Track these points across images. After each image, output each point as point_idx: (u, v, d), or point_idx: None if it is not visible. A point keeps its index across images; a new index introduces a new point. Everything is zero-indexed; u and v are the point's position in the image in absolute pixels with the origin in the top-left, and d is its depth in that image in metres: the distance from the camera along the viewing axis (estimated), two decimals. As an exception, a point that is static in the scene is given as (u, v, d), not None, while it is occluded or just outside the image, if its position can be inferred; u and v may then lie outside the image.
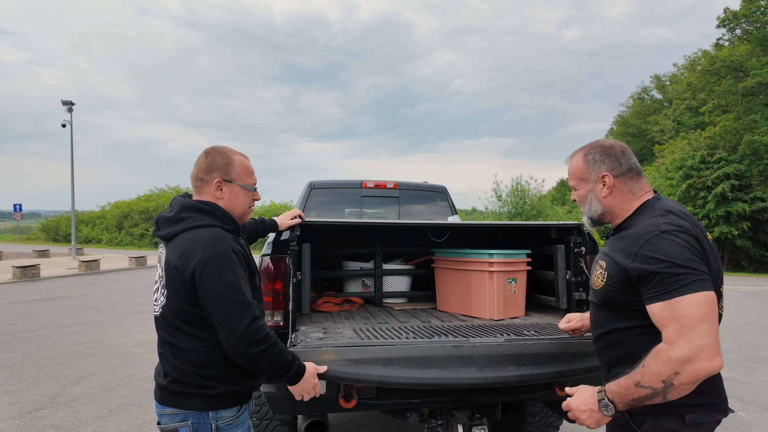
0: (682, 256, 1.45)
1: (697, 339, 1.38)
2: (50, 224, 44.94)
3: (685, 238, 1.49)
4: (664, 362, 1.42)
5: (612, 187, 1.70)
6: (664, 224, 1.53)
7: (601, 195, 1.72)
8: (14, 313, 9.87)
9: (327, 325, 2.81)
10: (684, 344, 1.39)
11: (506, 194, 33.64)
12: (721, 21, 25.42)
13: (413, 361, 2.16)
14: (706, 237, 1.57)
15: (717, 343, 1.40)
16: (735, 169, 23.30)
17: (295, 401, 2.44)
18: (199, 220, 1.74)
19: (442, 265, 3.42)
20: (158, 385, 1.78)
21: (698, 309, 1.40)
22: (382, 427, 4.25)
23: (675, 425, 1.53)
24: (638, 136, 43.66)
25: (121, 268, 19.84)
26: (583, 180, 1.77)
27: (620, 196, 1.70)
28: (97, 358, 6.46)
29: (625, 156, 1.73)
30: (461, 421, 2.60)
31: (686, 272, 1.43)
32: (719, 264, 1.57)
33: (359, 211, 5.40)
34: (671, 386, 1.41)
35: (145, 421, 4.34)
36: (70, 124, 24.49)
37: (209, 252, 1.64)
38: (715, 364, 1.39)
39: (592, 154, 1.75)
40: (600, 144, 1.77)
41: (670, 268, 1.44)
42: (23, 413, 4.55)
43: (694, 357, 1.38)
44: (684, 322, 1.40)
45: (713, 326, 1.40)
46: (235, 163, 1.84)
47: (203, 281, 1.63)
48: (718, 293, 1.54)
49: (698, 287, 1.42)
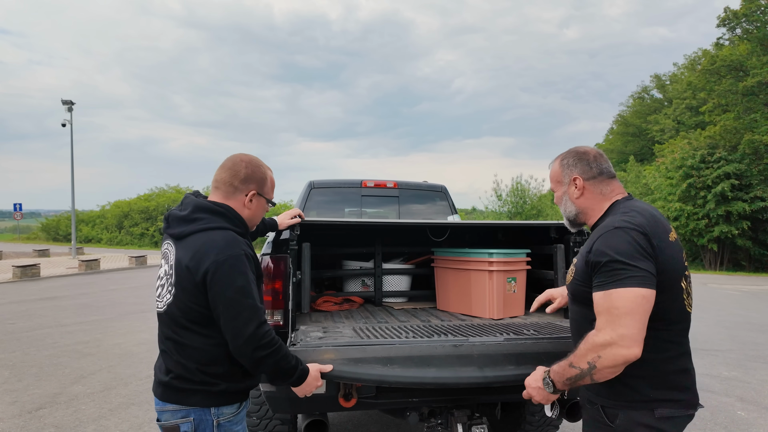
0: (625, 251, 1.57)
1: (620, 328, 1.51)
2: (50, 224, 44.92)
3: (633, 236, 1.59)
4: (590, 346, 1.57)
5: (583, 188, 1.83)
6: (619, 221, 1.65)
7: (574, 196, 1.86)
8: (14, 312, 9.87)
9: (327, 325, 2.82)
10: (608, 331, 1.53)
11: (506, 194, 33.64)
12: (722, 20, 25.40)
13: (413, 360, 2.16)
14: (666, 236, 1.66)
15: (639, 334, 1.52)
16: (735, 169, 23.29)
17: (294, 401, 2.44)
18: (213, 222, 1.76)
19: (442, 265, 3.43)
20: (159, 381, 1.78)
21: (627, 302, 1.52)
22: (382, 427, 4.25)
23: (646, 419, 1.61)
24: (638, 136, 43.64)
25: (121, 268, 19.85)
26: (559, 183, 1.92)
27: (591, 198, 1.83)
28: (98, 357, 6.46)
29: (597, 161, 1.85)
30: (461, 420, 2.60)
31: (625, 267, 1.55)
32: (679, 261, 1.66)
33: (359, 210, 5.40)
34: (594, 368, 1.56)
35: (145, 420, 4.35)
36: (70, 123, 24.50)
37: (222, 255, 1.66)
38: (632, 352, 1.51)
39: (567, 159, 1.89)
40: (575, 150, 1.90)
41: (613, 261, 1.57)
42: (23, 412, 4.55)
43: (614, 343, 1.52)
44: (613, 312, 1.54)
45: (639, 319, 1.52)
46: (268, 179, 1.94)
47: (214, 283, 1.65)
48: (680, 288, 1.65)
49: (633, 283, 1.53)
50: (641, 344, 1.53)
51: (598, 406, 1.71)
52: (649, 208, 1.73)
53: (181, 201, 1.87)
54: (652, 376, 1.64)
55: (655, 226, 1.64)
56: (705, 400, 5.04)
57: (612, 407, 1.68)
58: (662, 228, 1.67)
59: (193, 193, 1.89)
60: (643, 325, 1.54)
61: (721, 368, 6.25)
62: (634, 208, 1.71)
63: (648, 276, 1.55)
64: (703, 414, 4.66)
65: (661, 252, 1.61)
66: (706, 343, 7.60)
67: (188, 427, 1.72)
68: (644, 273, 1.55)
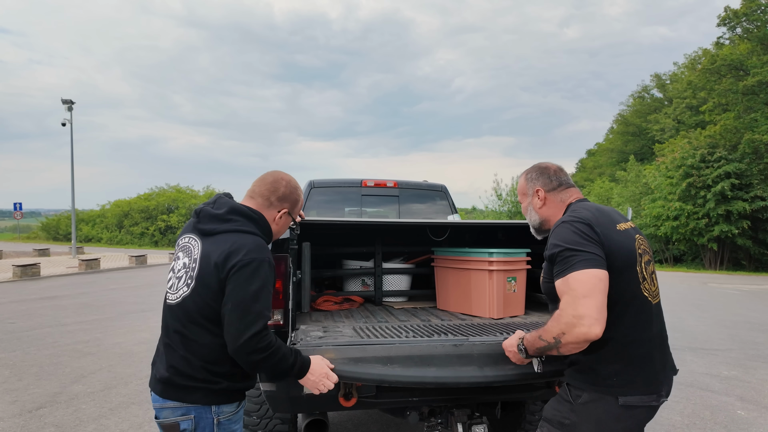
0: (572, 239, 1.76)
1: (580, 308, 1.66)
2: (50, 223, 44.93)
3: (577, 226, 1.79)
4: (556, 323, 1.74)
5: (545, 199, 2.05)
6: (565, 217, 1.89)
7: (537, 206, 2.07)
8: (15, 311, 9.87)
9: (327, 324, 2.82)
10: (570, 311, 1.68)
11: (506, 193, 33.64)
12: (722, 20, 25.39)
13: (413, 359, 2.16)
14: (613, 226, 1.83)
15: (598, 313, 1.66)
16: (735, 168, 23.29)
17: (294, 400, 2.45)
18: (246, 225, 1.83)
19: (442, 264, 3.42)
20: (160, 378, 1.77)
21: (583, 284, 1.68)
22: (382, 426, 4.26)
23: (608, 405, 1.75)
24: (638, 135, 43.63)
25: (121, 267, 19.85)
26: (525, 195, 2.14)
27: (552, 206, 2.04)
28: (98, 356, 6.46)
29: (556, 174, 2.07)
30: (461, 419, 2.61)
31: (574, 253, 1.73)
32: (628, 248, 1.82)
33: (359, 209, 5.40)
34: (560, 343, 1.73)
35: (145, 420, 4.35)
36: (70, 122, 24.50)
37: (248, 257, 1.72)
38: (593, 331, 1.65)
39: (531, 173, 2.11)
40: (538, 165, 2.12)
41: (563, 250, 1.76)
42: (24, 412, 4.56)
43: (576, 323, 1.66)
44: (572, 294, 1.70)
45: (597, 299, 1.67)
46: (300, 203, 2.07)
47: (232, 281, 1.70)
48: (633, 273, 1.80)
49: (585, 265, 1.70)
50: (602, 323, 1.66)
51: (565, 383, 1.88)
52: (597, 206, 1.93)
53: (214, 200, 1.92)
54: (615, 360, 1.76)
55: (598, 218, 1.83)
56: (705, 399, 5.04)
57: (577, 387, 1.82)
58: (608, 219, 1.85)
59: (225, 194, 1.96)
60: (601, 305, 1.68)
61: (721, 367, 6.25)
62: (580, 207, 1.92)
63: (597, 258, 1.72)
64: (702, 413, 4.66)
65: (606, 238, 1.78)
66: (706, 343, 7.61)
67: (188, 425, 1.72)
68: (593, 256, 1.72)
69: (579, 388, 1.81)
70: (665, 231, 25.31)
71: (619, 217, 1.92)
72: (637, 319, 1.79)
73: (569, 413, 1.80)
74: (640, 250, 1.86)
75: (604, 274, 1.71)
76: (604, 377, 1.76)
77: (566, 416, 1.81)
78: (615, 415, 1.75)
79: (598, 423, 1.76)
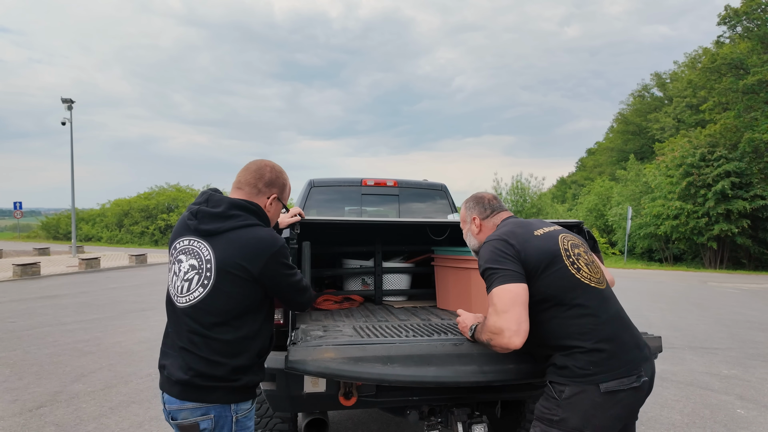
0: (490, 258, 1.96)
1: (499, 322, 1.85)
2: (50, 222, 44.91)
3: (495, 244, 1.99)
4: (485, 330, 1.96)
5: (480, 225, 2.29)
6: (487, 238, 2.10)
7: (474, 232, 2.31)
8: (15, 310, 9.88)
9: (327, 323, 2.82)
10: (492, 323, 1.89)
11: (506, 192, 33.63)
12: (722, 18, 25.37)
13: (413, 359, 2.16)
14: (530, 235, 2.02)
15: (517, 325, 1.82)
16: (735, 167, 23.28)
17: (295, 399, 2.45)
18: (249, 219, 1.85)
19: (442, 263, 3.43)
20: (177, 380, 1.76)
21: (500, 300, 1.86)
22: (382, 425, 4.26)
23: (591, 395, 1.82)
24: (638, 134, 43.62)
25: (121, 266, 19.85)
26: (464, 221, 2.37)
27: (486, 231, 2.26)
28: (98, 355, 6.47)
29: (490, 203, 2.31)
30: (461, 418, 2.61)
31: (493, 271, 1.93)
32: (547, 247, 1.99)
33: (359, 209, 5.40)
34: (490, 344, 1.94)
35: (146, 419, 4.35)
36: (70, 122, 24.47)
37: (274, 248, 1.82)
38: (512, 342, 1.82)
39: (468, 203, 2.36)
40: (474, 195, 2.36)
41: (485, 270, 1.97)
42: (24, 411, 4.56)
43: (497, 335, 1.87)
44: (495, 309, 1.88)
45: (514, 312, 1.83)
46: (287, 187, 2.09)
47: (271, 274, 1.82)
48: (562, 265, 1.95)
49: (501, 281, 1.88)
50: (521, 334, 1.82)
51: (547, 382, 1.96)
52: (518, 221, 2.16)
53: (206, 198, 1.89)
54: (585, 350, 1.85)
55: (515, 232, 2.03)
56: (704, 398, 5.05)
57: (559, 383, 1.90)
58: (524, 230, 2.05)
59: (213, 190, 1.95)
60: (520, 317, 1.84)
61: (720, 366, 6.26)
62: (503, 224, 2.18)
63: (513, 273, 1.89)
64: (702, 412, 4.67)
65: (523, 248, 1.96)
66: (706, 342, 7.61)
67: (208, 425, 1.73)
68: (508, 272, 1.90)
69: (561, 383, 1.89)
70: (665, 230, 25.31)
71: (540, 225, 2.12)
72: (587, 306, 1.91)
73: (556, 409, 1.87)
74: (565, 245, 2.03)
75: (521, 287, 1.87)
76: (581, 368, 1.84)
77: (554, 413, 1.87)
78: (600, 404, 1.81)
79: (585, 414, 1.82)
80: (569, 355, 1.88)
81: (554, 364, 1.94)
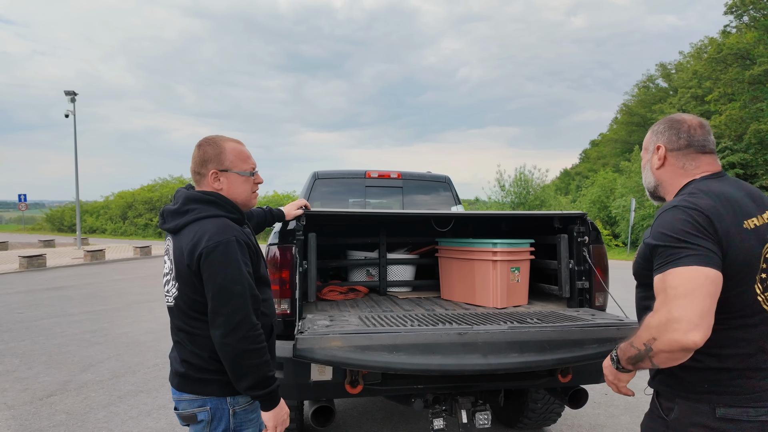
0: (680, 230, 1.41)
1: (675, 310, 1.34)
2: (55, 214, 45.12)
3: (691, 214, 1.43)
4: (646, 327, 1.43)
5: (664, 159, 1.65)
6: (679, 200, 1.50)
7: (655, 166, 1.69)
8: (22, 302, 9.98)
9: (333, 313, 2.86)
10: (663, 313, 1.37)
11: (509, 184, 33.54)
12: (729, 8, 25.12)
13: (418, 347, 2.20)
14: (740, 221, 1.46)
15: (699, 318, 1.32)
16: (740, 158, 23.17)
17: (302, 387, 2.49)
18: (205, 210, 1.74)
19: (446, 255, 3.46)
20: (176, 372, 1.81)
21: (683, 282, 1.35)
22: (387, 413, 4.32)
23: (704, 418, 1.45)
24: (643, 125, 43.34)
25: (126, 258, 19.97)
26: (646, 149, 1.76)
27: (671, 170, 1.65)
28: (105, 346, 6.55)
29: (689, 132, 1.62)
30: (465, 406, 2.65)
31: (681, 246, 1.39)
32: (751, 252, 1.46)
33: (363, 201, 5.43)
34: (651, 350, 1.40)
35: (153, 407, 4.42)
36: (73, 114, 24.51)
37: (212, 241, 1.64)
38: (689, 338, 1.32)
39: (659, 126, 1.71)
40: (671, 117, 1.69)
41: (668, 241, 1.42)
42: (35, 399, 4.64)
43: (668, 327, 1.35)
44: (668, 293, 1.37)
45: (699, 302, 1.33)
46: (227, 151, 1.82)
47: (204, 271, 1.65)
48: (751, 281, 1.46)
49: (691, 261, 1.37)
50: (703, 330, 1.32)
51: (654, 392, 1.60)
52: (727, 190, 1.52)
53: (174, 195, 1.87)
54: (718, 370, 1.47)
55: (724, 209, 1.45)
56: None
57: (667, 395, 1.54)
58: (736, 211, 1.47)
59: (186, 187, 1.88)
60: (705, 309, 1.34)
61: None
62: (703, 189, 1.51)
63: (710, 255, 1.38)
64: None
65: (726, 235, 1.42)
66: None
67: (205, 416, 1.76)
68: (705, 251, 1.38)
69: (669, 396, 1.53)
70: (669, 222, 25.25)
71: (752, 209, 1.51)
72: (750, 331, 1.47)
73: (665, 430, 1.52)
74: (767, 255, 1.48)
75: (716, 274, 1.36)
76: (701, 386, 1.47)
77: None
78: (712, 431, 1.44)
79: None
80: (697, 369, 1.50)
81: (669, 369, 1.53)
